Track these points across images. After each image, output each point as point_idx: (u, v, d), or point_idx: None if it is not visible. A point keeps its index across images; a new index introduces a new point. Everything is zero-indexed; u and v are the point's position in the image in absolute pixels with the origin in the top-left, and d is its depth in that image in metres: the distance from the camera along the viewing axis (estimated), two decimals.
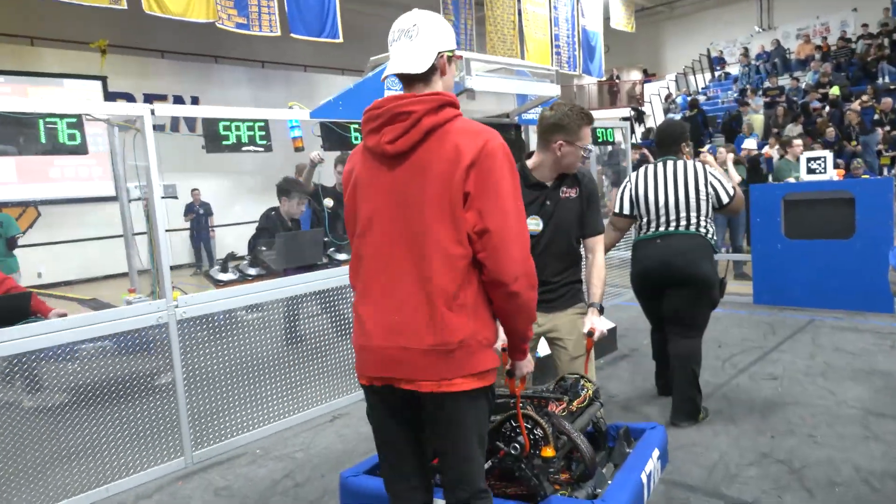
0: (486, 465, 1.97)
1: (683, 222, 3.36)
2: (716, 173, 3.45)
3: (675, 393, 3.48)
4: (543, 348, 2.77)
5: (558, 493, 2.01)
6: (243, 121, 3.69)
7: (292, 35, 9.08)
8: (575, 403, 2.22)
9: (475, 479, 1.72)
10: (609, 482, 2.09)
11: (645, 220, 3.50)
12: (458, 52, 1.88)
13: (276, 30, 8.93)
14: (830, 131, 11.82)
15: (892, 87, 13.71)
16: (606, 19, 16.41)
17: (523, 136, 5.64)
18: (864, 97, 12.99)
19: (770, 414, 3.57)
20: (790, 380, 4.09)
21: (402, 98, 1.67)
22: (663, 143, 3.58)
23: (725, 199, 3.37)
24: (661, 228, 3.41)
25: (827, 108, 13.45)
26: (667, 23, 22.90)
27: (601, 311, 2.53)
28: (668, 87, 19.45)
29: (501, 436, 2.05)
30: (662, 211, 3.41)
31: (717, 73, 19.77)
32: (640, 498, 2.09)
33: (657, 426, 2.53)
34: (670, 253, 3.35)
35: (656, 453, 2.31)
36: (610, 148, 14.56)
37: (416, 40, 1.68)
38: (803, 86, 15.34)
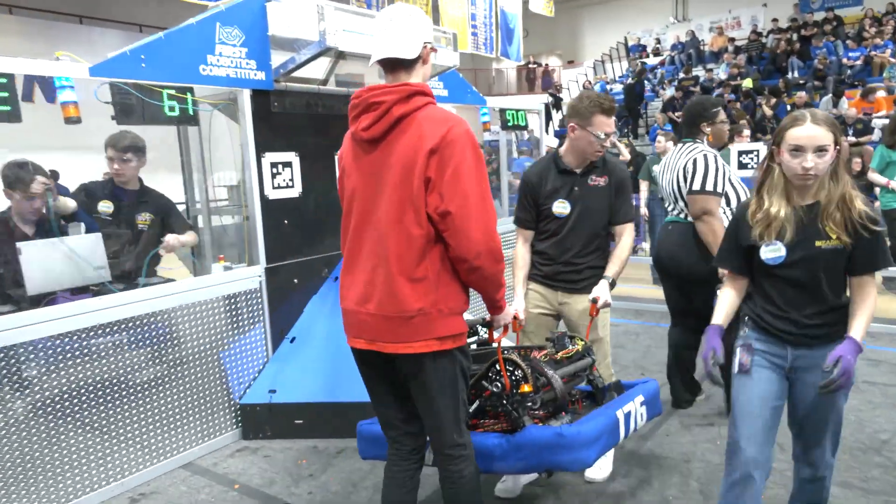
0: (475, 405, 2.27)
1: (676, 211, 3.35)
2: (702, 160, 3.17)
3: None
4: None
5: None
6: None
7: None
8: (560, 354, 2.43)
9: (446, 431, 1.91)
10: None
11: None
12: (433, 46, 1.92)
13: None
14: (744, 123, 11.56)
15: (801, 81, 13.75)
16: (526, 3, 15.61)
17: None
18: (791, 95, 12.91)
19: None
20: None
21: (376, 88, 1.82)
22: (684, 123, 3.43)
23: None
24: (668, 215, 3.46)
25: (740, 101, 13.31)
26: (585, 9, 22.78)
27: (612, 285, 2.69)
28: (586, 74, 19.06)
29: (488, 379, 2.26)
30: (669, 198, 3.40)
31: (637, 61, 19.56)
32: (613, 430, 2.26)
33: (650, 380, 2.69)
34: (663, 241, 3.43)
35: (640, 398, 2.48)
36: (527, 136, 13.89)
37: (402, 28, 1.82)
38: (717, 77, 15.24)
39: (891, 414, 3.37)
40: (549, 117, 17.56)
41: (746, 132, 6.79)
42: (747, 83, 14.09)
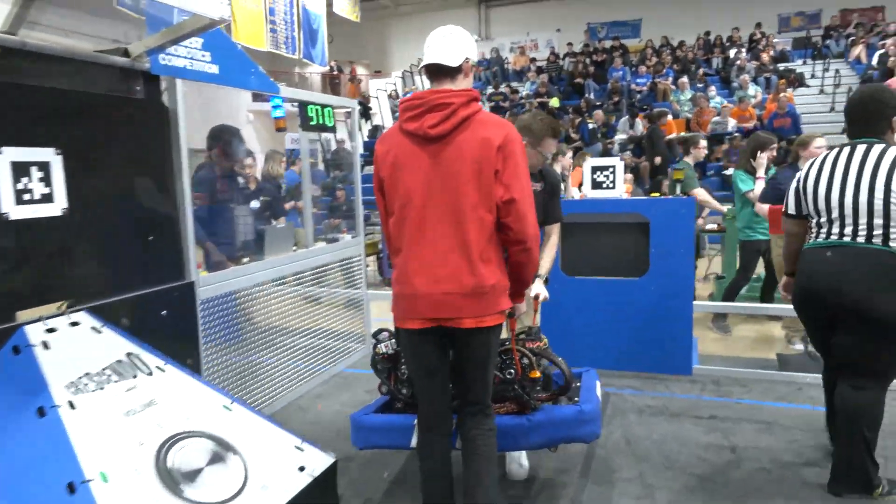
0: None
1: (864, 232, 2.52)
2: None
3: (835, 453, 2.78)
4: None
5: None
6: None
7: None
8: (541, 344, 2.70)
9: (484, 395, 2.20)
10: (577, 398, 2.65)
11: (815, 220, 2.73)
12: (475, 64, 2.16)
13: None
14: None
15: (598, 102, 14.31)
16: (330, 5, 14.24)
17: (166, 98, 3.03)
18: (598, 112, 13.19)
19: None
20: None
21: (439, 92, 2.06)
22: (860, 118, 2.66)
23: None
24: (834, 236, 2.61)
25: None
26: (393, 19, 22.23)
27: (546, 281, 2.99)
28: (394, 84, 18.27)
29: (497, 366, 2.44)
30: (836, 213, 2.61)
31: None
32: (600, 406, 2.60)
33: (590, 369, 3.02)
34: (841, 273, 2.56)
35: (598, 383, 2.86)
36: (333, 144, 12.41)
37: (451, 42, 2.11)
38: (523, 95, 15.39)
39: None
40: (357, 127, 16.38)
41: (704, 142, 6.23)
42: (554, 102, 14.33)
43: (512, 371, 2.43)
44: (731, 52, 15.42)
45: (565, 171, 6.23)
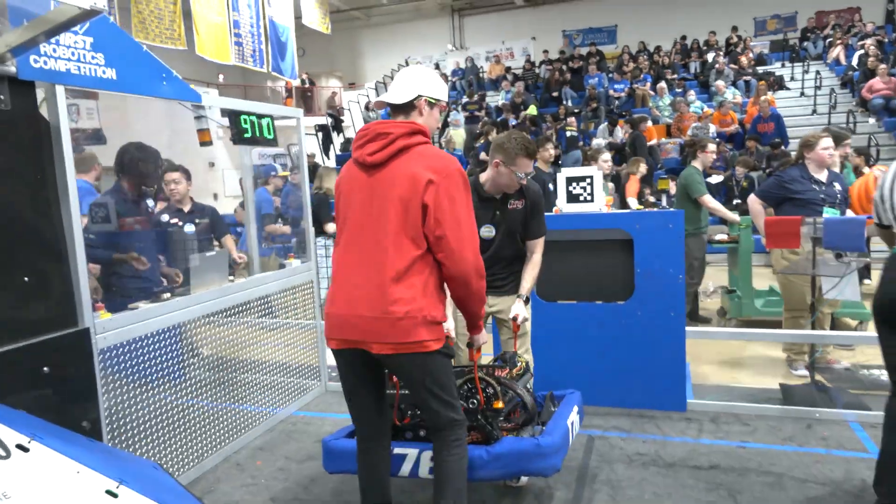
0: None
1: None
2: None
3: None
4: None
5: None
6: None
7: None
8: (514, 371, 2.71)
9: (439, 415, 2.15)
10: (543, 428, 2.60)
11: None
12: (442, 103, 2.25)
13: None
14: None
15: (576, 110, 13.94)
16: (299, 18, 13.74)
17: (45, 110, 2.49)
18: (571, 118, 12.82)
19: None
20: None
21: (385, 122, 2.13)
22: None
23: None
24: None
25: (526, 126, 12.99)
26: (364, 30, 21.84)
27: (527, 301, 2.95)
28: (367, 95, 17.81)
29: (462, 395, 2.46)
30: None
31: None
32: (567, 438, 2.58)
33: (575, 391, 3.00)
34: None
35: (575, 409, 2.82)
36: (279, 166, 11.48)
37: (404, 80, 2.20)
38: (499, 103, 14.98)
39: None
40: (329, 139, 15.85)
41: (712, 146, 5.73)
42: (531, 110, 13.94)
43: (475, 401, 2.44)
44: (709, 56, 15.16)
45: (605, 173, 5.58)
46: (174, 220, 4.40)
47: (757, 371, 4.50)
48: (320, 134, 15.64)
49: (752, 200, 4.41)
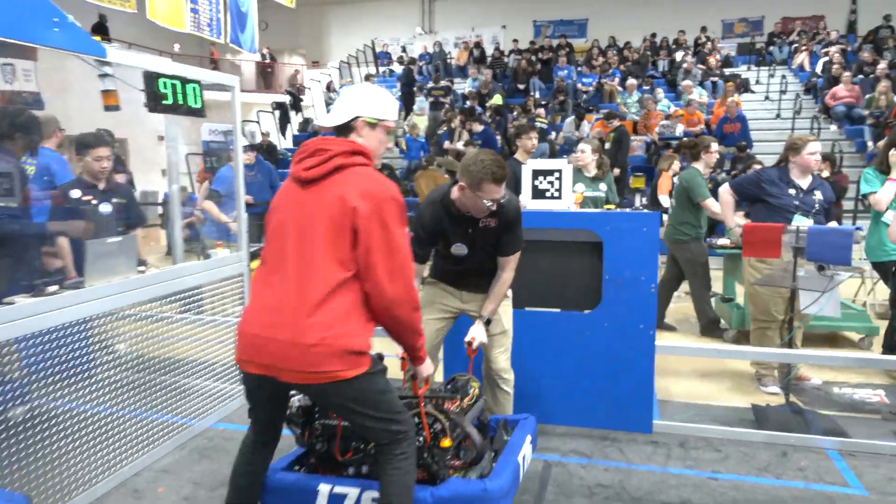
0: None
1: None
2: None
3: None
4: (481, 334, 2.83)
5: (453, 476, 2.27)
6: None
7: None
8: (465, 401, 2.48)
9: (379, 432, 2.02)
10: (493, 465, 2.36)
11: None
12: (387, 122, 2.13)
13: None
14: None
15: (544, 101, 13.61)
16: None
17: None
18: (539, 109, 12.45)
19: None
20: None
21: (325, 139, 2.04)
22: None
23: None
24: None
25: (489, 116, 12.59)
26: (331, 7, 21.12)
27: (487, 323, 2.83)
28: (330, 75, 17.11)
29: None
30: None
31: (381, 69, 18.23)
32: (518, 476, 2.39)
33: (529, 417, 2.74)
34: None
35: (528, 438, 2.60)
36: (257, 137, 10.76)
37: (343, 102, 2.10)
38: (465, 91, 14.53)
39: None
40: (286, 118, 15.14)
41: (715, 146, 5.29)
42: (496, 100, 13.53)
43: (420, 438, 2.22)
44: (678, 55, 15.03)
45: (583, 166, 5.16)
46: (87, 198, 3.84)
47: (727, 386, 4.21)
48: (278, 112, 14.90)
49: (724, 190, 4.13)
